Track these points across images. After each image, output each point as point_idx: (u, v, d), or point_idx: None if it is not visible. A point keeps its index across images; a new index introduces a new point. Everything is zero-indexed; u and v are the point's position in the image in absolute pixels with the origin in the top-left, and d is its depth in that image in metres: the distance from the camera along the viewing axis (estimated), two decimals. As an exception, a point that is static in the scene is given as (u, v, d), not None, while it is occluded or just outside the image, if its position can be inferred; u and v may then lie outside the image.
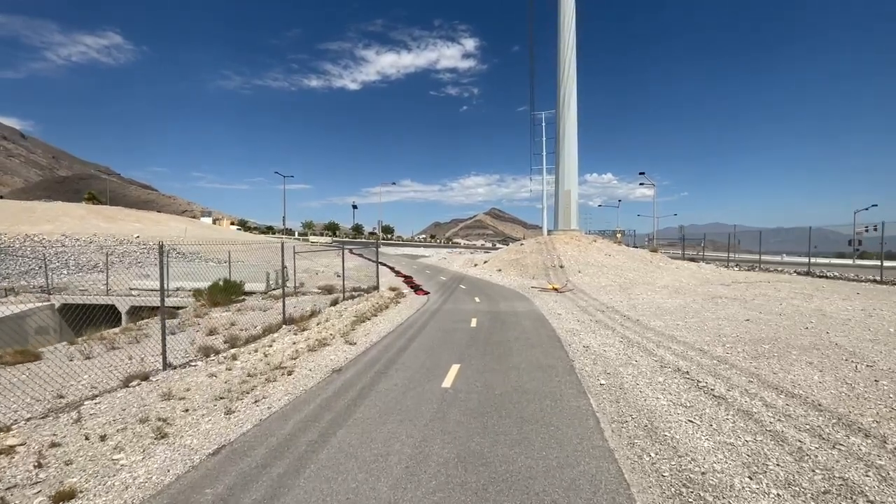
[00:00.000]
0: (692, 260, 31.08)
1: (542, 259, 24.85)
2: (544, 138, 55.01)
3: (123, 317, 18.64)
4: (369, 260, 40.73)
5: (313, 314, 12.41)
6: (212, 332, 10.66)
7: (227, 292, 17.65)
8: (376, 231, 71.50)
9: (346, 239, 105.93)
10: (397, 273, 27.40)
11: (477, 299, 15.45)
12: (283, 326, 10.79)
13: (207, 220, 64.12)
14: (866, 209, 50.58)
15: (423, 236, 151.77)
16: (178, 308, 18.44)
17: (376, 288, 18.39)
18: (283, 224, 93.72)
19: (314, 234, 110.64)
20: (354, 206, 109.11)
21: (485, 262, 29.75)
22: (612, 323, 10.46)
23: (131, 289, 20.56)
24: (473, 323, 10.76)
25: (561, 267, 22.60)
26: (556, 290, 17.64)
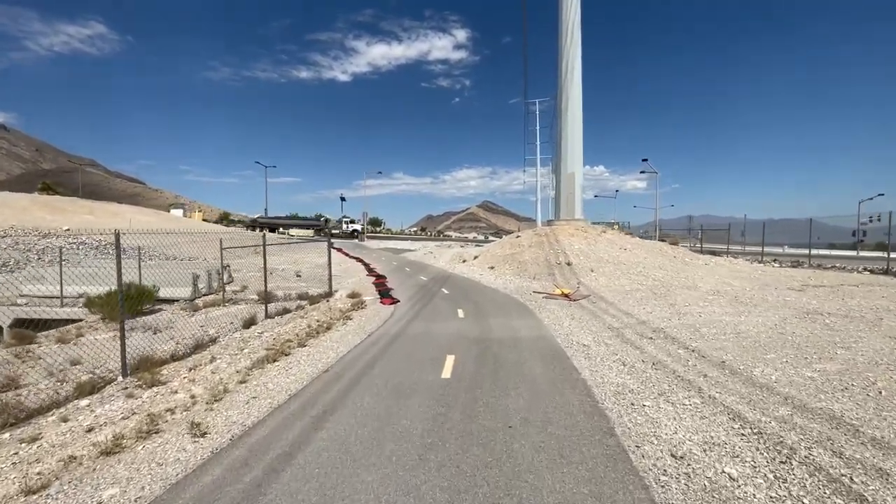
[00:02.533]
0: (713, 254, 27.07)
1: (543, 254, 20.62)
2: (538, 127, 50.92)
3: (5, 332, 14.21)
4: (347, 255, 36.37)
5: (198, 347, 8.06)
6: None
7: (131, 301, 13.24)
8: (361, 224, 66.93)
9: (334, 232, 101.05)
10: (370, 271, 23.07)
11: (460, 312, 11.18)
12: (119, 380, 6.41)
13: (178, 213, 59.22)
14: (871, 199, 46.98)
15: (415, 229, 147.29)
16: (73, 322, 14.10)
17: (329, 294, 14.06)
18: (266, 216, 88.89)
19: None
20: (342, 199, 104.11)
21: (475, 257, 25.49)
22: (684, 370, 6.22)
23: (21, 295, 16.06)
24: (448, 368, 6.48)
25: (568, 264, 18.37)
26: (566, 296, 13.41)
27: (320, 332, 9.44)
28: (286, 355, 7.64)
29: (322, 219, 77.17)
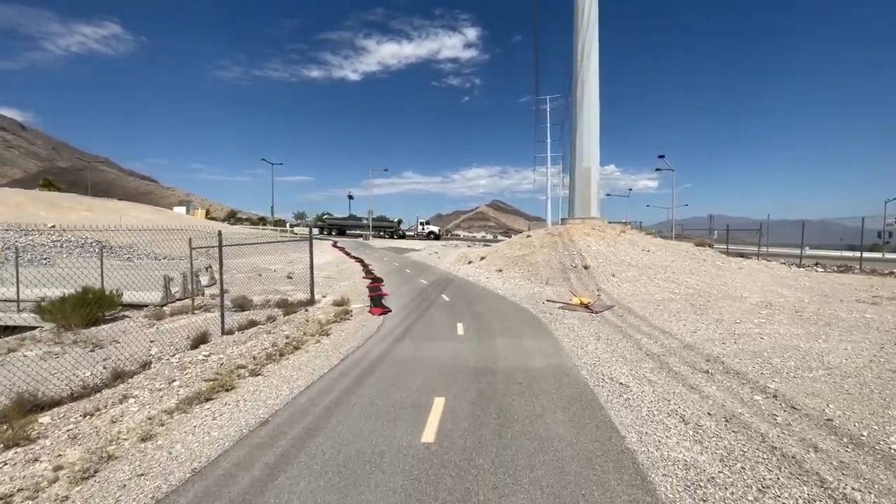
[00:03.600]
0: (741, 255, 24.77)
1: (556, 256, 18.60)
2: (549, 124, 48.78)
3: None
4: (347, 255, 34.65)
5: (118, 377, 6.25)
6: None
7: (87, 308, 11.68)
8: (367, 221, 65.26)
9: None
10: (367, 273, 21.26)
11: (460, 328, 9.27)
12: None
13: (181, 210, 58.16)
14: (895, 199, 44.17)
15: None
16: (29, 329, 12.62)
17: (311, 302, 12.25)
18: (272, 214, 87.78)
19: (305, 226, 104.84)
20: (350, 197, 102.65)
21: (481, 258, 23.52)
22: (778, 435, 4.24)
23: (-25, 299, 14.54)
24: (432, 424, 4.58)
25: (585, 268, 16.34)
26: (586, 307, 11.43)
27: (285, 353, 7.61)
28: (228, 390, 5.83)
29: (395, 220, 73.17)
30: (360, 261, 28.42)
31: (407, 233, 71.55)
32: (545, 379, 5.94)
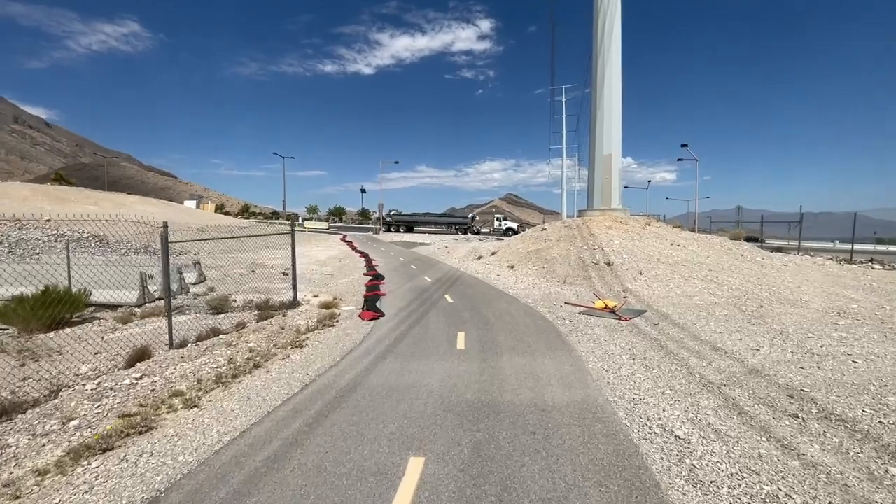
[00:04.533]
0: (779, 250, 22.53)
1: (575, 251, 16.78)
2: (564, 115, 46.51)
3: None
4: (353, 249, 33.30)
5: (2, 415, 4.79)
6: None
7: (50, 308, 10.40)
8: (376, 214, 63.96)
9: (351, 224, 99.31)
10: (370, 268, 19.79)
11: (460, 340, 7.64)
12: None
13: (191, 204, 57.73)
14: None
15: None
16: (-10, 332, 11.30)
17: (292, 305, 10.75)
18: (284, 208, 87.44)
19: (318, 220, 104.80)
20: (363, 191, 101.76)
21: (492, 253, 21.80)
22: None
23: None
24: (403, 500, 2.97)
25: (608, 265, 14.52)
26: (611, 311, 9.68)
27: (241, 373, 6.11)
28: (143, 432, 4.36)
29: (470, 216, 68.22)
30: (365, 256, 27.01)
31: (482, 230, 66.84)
32: (568, 426, 4.27)
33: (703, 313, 9.25)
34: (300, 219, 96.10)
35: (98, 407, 4.94)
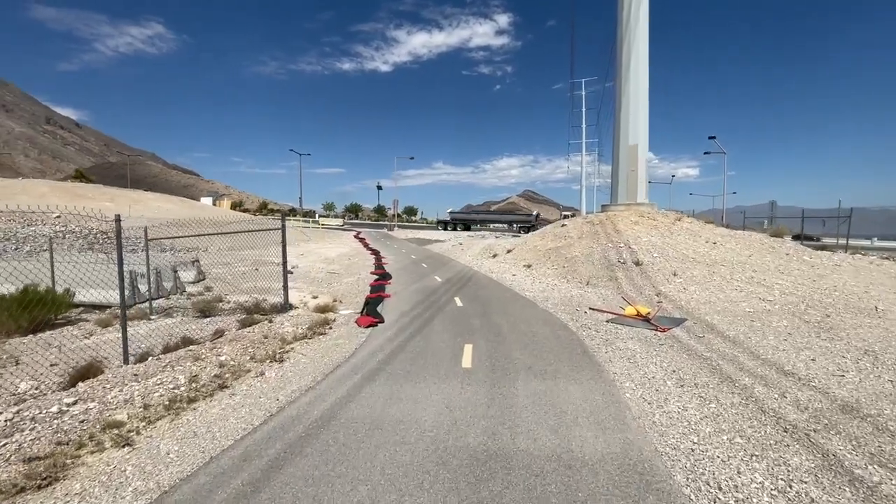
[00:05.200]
0: (823, 248, 20.57)
1: (598, 249, 15.37)
2: (584, 109, 44.68)
3: None
4: (365, 246, 32.40)
5: None
6: None
7: (29, 309, 9.66)
8: (391, 211, 63.12)
9: (367, 221, 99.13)
10: (378, 266, 18.76)
11: (466, 355, 6.45)
12: None
13: (207, 201, 57.98)
14: None
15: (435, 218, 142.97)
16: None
17: (283, 308, 9.72)
18: (300, 205, 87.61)
19: (334, 217, 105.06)
20: (379, 188, 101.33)
21: (508, 251, 20.49)
22: None
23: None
24: None
25: (637, 264, 13.09)
26: (644, 319, 8.35)
27: (201, 396, 5.08)
28: (41, 487, 3.31)
29: (534, 213, 60.72)
30: (376, 253, 26.04)
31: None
32: (607, 497, 3.04)
33: (757, 323, 7.82)
34: (316, 215, 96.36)
35: (2, 447, 3.93)
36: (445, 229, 56.83)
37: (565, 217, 33.30)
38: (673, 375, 5.48)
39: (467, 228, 57.07)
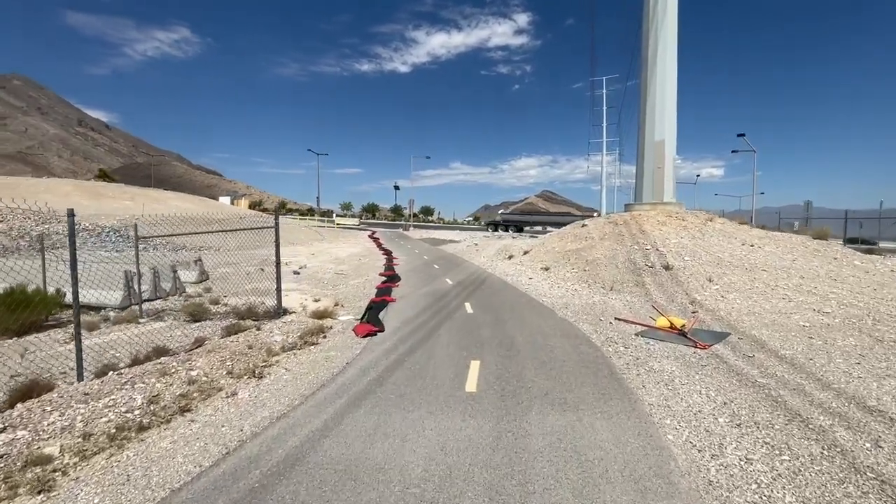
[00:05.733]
0: (870, 252, 18.85)
1: (623, 251, 14.21)
2: (605, 108, 43.20)
3: None
4: (378, 246, 31.73)
5: None
6: None
7: (15, 310, 9.17)
8: (407, 211, 62.54)
9: (383, 221, 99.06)
10: (388, 267, 17.98)
11: (472, 376, 5.52)
12: None
13: (226, 200, 58.51)
14: None
15: (469, 218, 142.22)
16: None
17: (276, 314, 8.94)
18: (318, 205, 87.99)
19: (351, 217, 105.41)
20: (396, 188, 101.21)
21: (524, 252, 19.44)
22: None
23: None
24: None
25: (666, 268, 11.92)
26: (680, 331, 7.28)
27: (152, 426, 4.32)
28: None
29: (596, 213, 58.10)
30: (388, 253, 25.32)
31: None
32: None
33: (817, 341, 6.65)
34: (334, 215, 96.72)
35: None
36: (496, 230, 51.29)
37: (591, 217, 31.82)
38: (724, 410, 4.44)
39: (519, 231, 51.59)
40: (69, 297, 11.37)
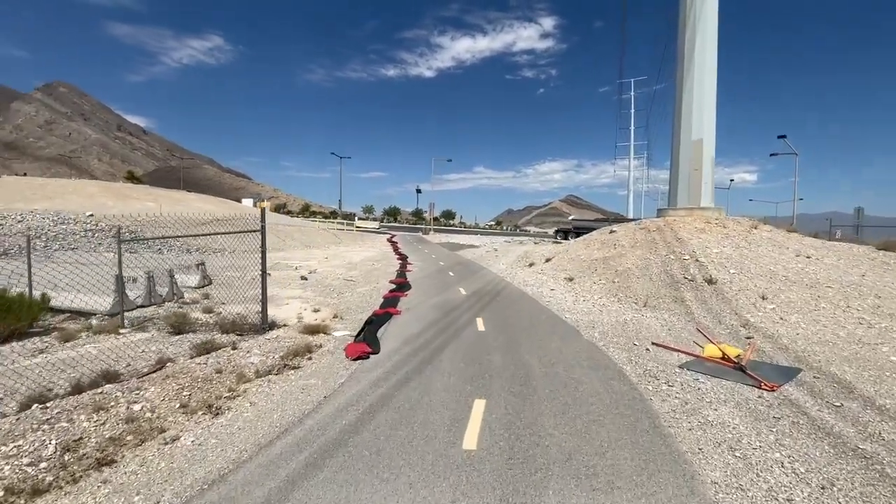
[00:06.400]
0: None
1: (657, 261, 12.73)
2: (633, 110, 41.37)
3: None
4: (395, 250, 30.83)
5: None
6: None
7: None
8: (427, 215, 61.71)
9: (404, 225, 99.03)
10: (400, 274, 16.98)
11: (474, 422, 4.36)
12: None
13: (248, 203, 59.11)
14: None
15: (491, 223, 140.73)
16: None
17: (262, 328, 7.96)
18: (340, 208, 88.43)
19: (373, 220, 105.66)
20: (418, 191, 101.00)
21: (547, 259, 18.07)
22: None
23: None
24: None
25: (709, 282, 10.42)
26: (735, 364, 5.90)
27: (46, 491, 3.34)
28: None
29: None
30: (403, 258, 24.38)
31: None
32: None
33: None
34: (356, 218, 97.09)
35: None
36: (566, 238, 47.65)
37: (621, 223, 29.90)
38: (825, 500, 3.12)
39: None
40: (56, 302, 10.70)
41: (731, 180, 72.35)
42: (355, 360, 6.51)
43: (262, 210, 7.82)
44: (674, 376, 5.73)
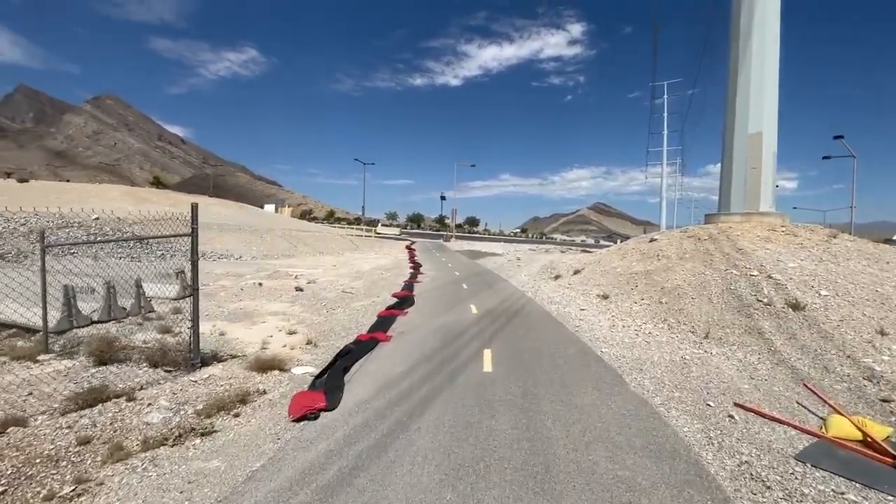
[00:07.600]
0: None
1: (716, 277, 10.22)
2: (666, 114, 38.43)
3: None
4: (411, 258, 28.94)
5: None
6: None
7: None
8: (450, 221, 59.80)
9: (427, 231, 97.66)
10: (407, 286, 15.00)
11: None
12: None
13: (270, 208, 58.83)
14: None
15: (516, 231, 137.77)
16: None
17: (193, 363, 6.03)
18: (363, 214, 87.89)
19: (395, 227, 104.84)
20: (443, 198, 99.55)
21: (575, 272, 15.65)
22: None
23: None
24: None
25: (794, 307, 7.88)
26: (889, 455, 3.43)
27: None
28: None
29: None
30: (416, 267, 22.43)
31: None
32: None
33: None
34: (379, 224, 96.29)
35: None
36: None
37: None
38: None
39: None
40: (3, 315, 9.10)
41: (777, 185, 67.23)
42: (299, 420, 4.51)
43: (194, 206, 5.99)
44: (794, 480, 3.44)
